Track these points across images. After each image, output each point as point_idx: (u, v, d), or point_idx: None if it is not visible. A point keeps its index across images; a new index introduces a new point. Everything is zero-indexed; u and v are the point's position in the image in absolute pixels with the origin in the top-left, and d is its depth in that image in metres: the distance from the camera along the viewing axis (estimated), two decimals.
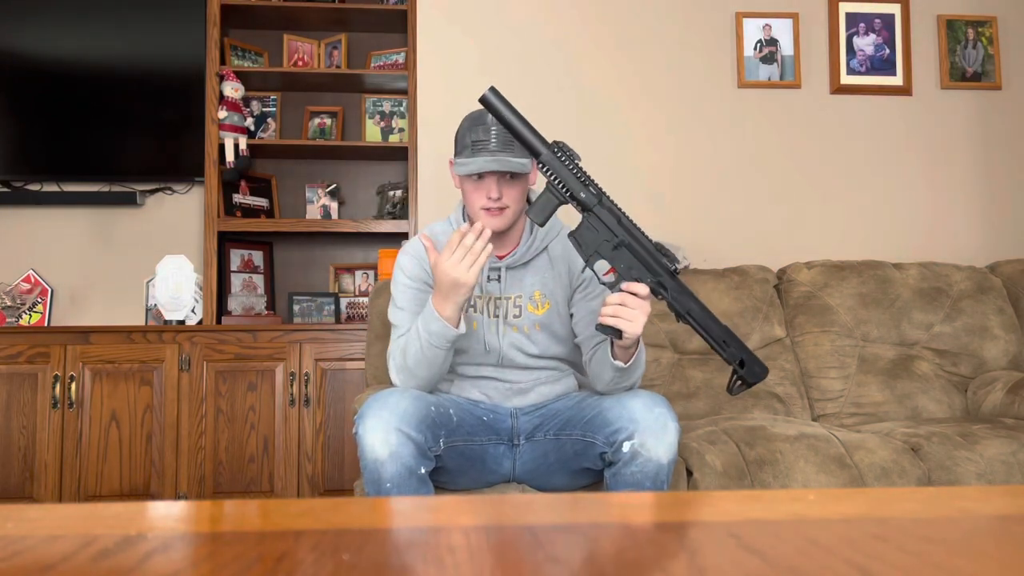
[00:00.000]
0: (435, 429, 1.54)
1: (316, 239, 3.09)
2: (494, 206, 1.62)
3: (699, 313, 1.51)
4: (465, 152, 1.61)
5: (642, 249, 1.50)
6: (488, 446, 1.71)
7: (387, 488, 1.47)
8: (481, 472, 1.72)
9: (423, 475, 1.50)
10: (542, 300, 1.71)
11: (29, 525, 0.49)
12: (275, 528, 0.48)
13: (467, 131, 1.62)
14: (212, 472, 2.60)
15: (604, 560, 0.41)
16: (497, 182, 1.61)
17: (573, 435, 1.62)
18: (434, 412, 1.56)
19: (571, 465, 1.65)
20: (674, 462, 1.53)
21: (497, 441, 1.72)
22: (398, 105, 3.10)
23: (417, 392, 1.59)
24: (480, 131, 1.58)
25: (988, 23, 3.18)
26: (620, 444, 1.50)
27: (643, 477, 1.50)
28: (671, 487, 1.60)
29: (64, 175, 3.03)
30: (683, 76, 3.08)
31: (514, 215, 1.65)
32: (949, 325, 2.59)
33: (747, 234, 3.04)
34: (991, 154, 3.16)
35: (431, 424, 1.53)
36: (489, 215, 1.62)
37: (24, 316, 2.90)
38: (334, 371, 2.67)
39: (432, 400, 1.60)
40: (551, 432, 1.68)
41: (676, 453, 1.52)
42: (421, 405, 1.53)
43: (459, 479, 1.71)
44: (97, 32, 3.02)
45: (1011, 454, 1.96)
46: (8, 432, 2.56)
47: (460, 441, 1.64)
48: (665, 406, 1.53)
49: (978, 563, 0.40)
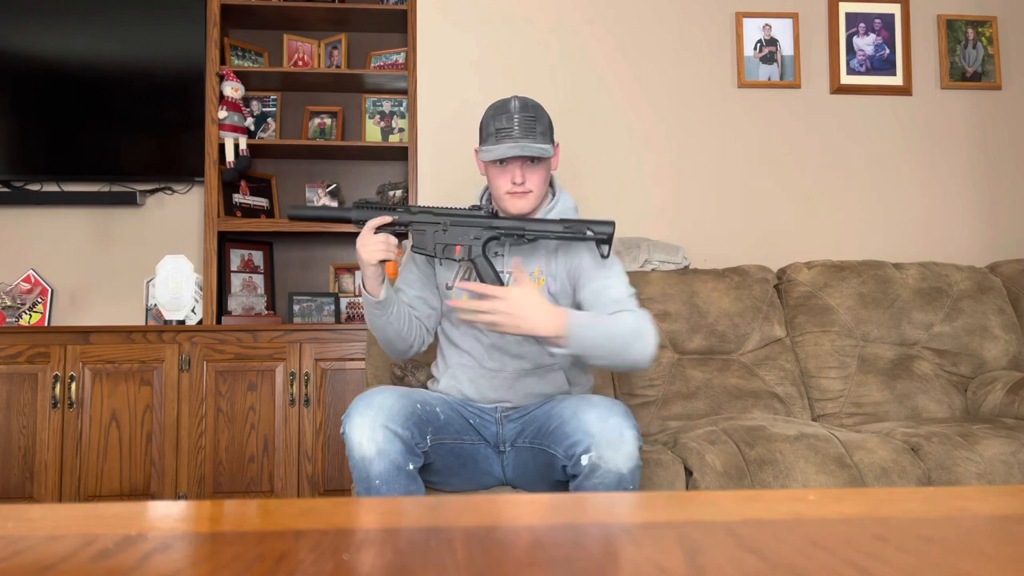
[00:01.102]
0: (421, 426, 1.56)
1: (316, 239, 3.09)
2: (518, 190, 1.71)
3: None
4: (489, 140, 1.70)
5: (461, 217, 1.70)
6: (478, 446, 1.72)
7: (376, 485, 1.49)
8: (473, 473, 1.73)
9: (411, 471, 1.52)
10: (539, 277, 1.75)
11: (29, 525, 0.49)
12: (275, 528, 0.48)
13: (491, 119, 1.71)
14: (212, 472, 2.60)
15: (604, 560, 0.41)
16: (520, 166, 1.69)
17: (542, 445, 1.62)
18: (420, 409, 1.58)
19: (545, 474, 1.65)
20: (637, 469, 1.49)
21: (485, 445, 1.74)
22: (398, 105, 3.10)
23: (403, 390, 1.62)
24: (503, 119, 1.68)
25: (988, 23, 3.18)
26: (578, 458, 1.48)
27: (605, 489, 1.47)
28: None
29: (64, 175, 3.03)
30: (683, 76, 3.08)
31: (537, 198, 1.74)
32: (949, 325, 2.59)
33: (747, 234, 3.04)
34: (991, 154, 3.16)
35: (417, 421, 1.55)
36: (513, 198, 1.72)
37: (24, 316, 2.90)
38: (334, 371, 2.67)
39: (418, 398, 1.62)
40: (527, 439, 1.69)
41: (637, 460, 1.48)
42: (407, 403, 1.55)
43: (451, 479, 1.71)
44: (97, 32, 3.02)
45: (1011, 454, 1.96)
46: (8, 432, 2.57)
47: (449, 439, 1.65)
48: (621, 415, 1.50)
49: (978, 563, 0.40)
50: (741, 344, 2.51)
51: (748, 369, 2.47)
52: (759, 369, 2.48)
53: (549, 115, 1.75)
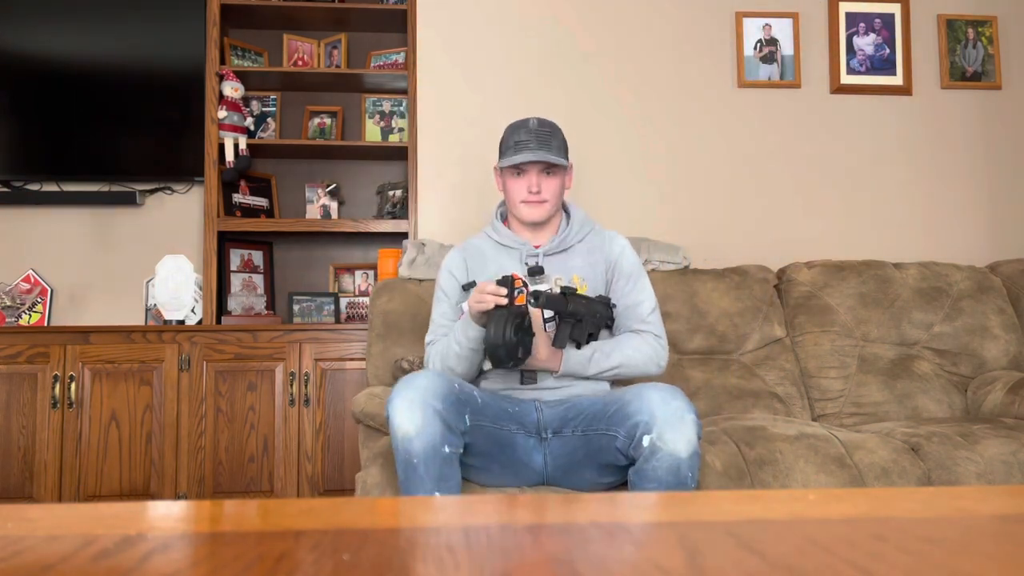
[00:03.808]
0: (459, 406, 1.59)
1: (316, 239, 3.09)
2: (534, 199, 1.85)
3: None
4: (508, 152, 1.85)
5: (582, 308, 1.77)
6: (517, 435, 1.73)
7: (414, 464, 1.52)
8: (512, 462, 1.73)
9: (449, 454, 1.54)
10: (580, 283, 1.86)
11: (29, 525, 0.49)
12: (275, 528, 0.48)
13: (510, 135, 1.87)
14: (212, 472, 2.60)
15: (604, 560, 0.41)
16: (537, 175, 1.84)
17: (599, 430, 1.66)
18: (458, 389, 1.62)
19: (598, 459, 1.68)
20: (696, 456, 1.53)
21: (526, 433, 1.74)
22: (398, 105, 3.10)
23: (440, 373, 1.66)
24: (522, 132, 1.84)
25: (988, 23, 3.18)
26: (639, 439, 1.53)
27: (664, 472, 1.51)
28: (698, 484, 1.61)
29: (64, 175, 3.03)
30: (683, 76, 3.08)
31: (551, 208, 1.88)
32: (949, 325, 2.59)
33: (747, 234, 3.04)
34: (991, 154, 3.16)
35: (455, 401, 1.58)
36: (529, 206, 1.86)
37: (24, 316, 2.90)
38: (334, 371, 2.67)
39: (456, 380, 1.67)
40: (579, 429, 1.71)
41: (697, 447, 1.53)
42: (444, 382, 1.60)
43: (491, 465, 1.72)
44: (97, 32, 3.02)
45: (1011, 454, 1.96)
46: (8, 432, 2.56)
47: (487, 422, 1.67)
48: (683, 399, 1.57)
49: (978, 563, 0.40)
50: (741, 344, 2.51)
51: (748, 369, 2.47)
52: (759, 369, 2.48)
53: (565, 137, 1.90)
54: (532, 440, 1.75)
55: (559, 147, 1.85)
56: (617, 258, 1.90)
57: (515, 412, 1.75)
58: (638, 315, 1.87)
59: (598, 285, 1.88)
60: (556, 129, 1.88)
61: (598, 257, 1.90)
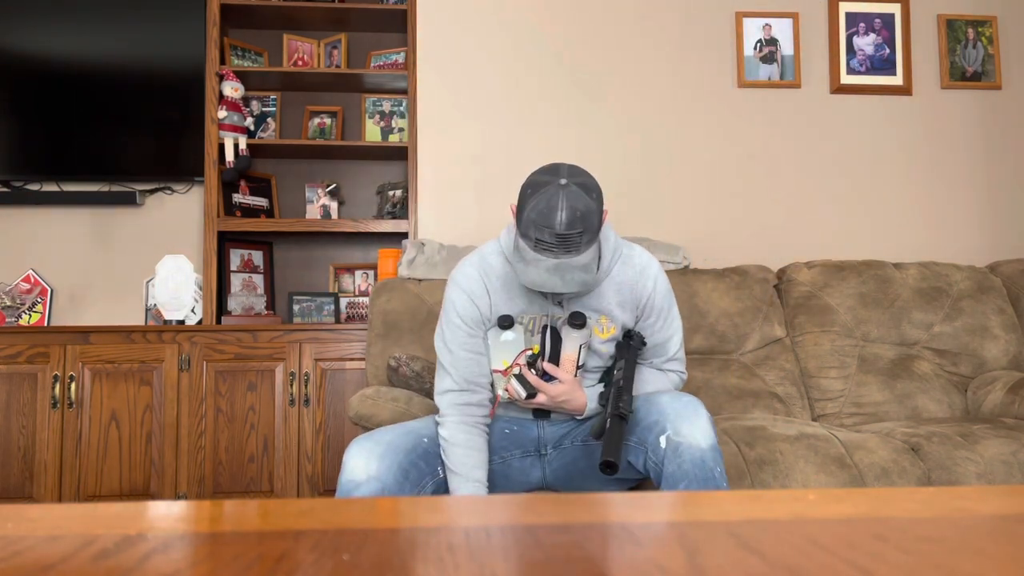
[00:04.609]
0: (421, 474, 1.57)
1: (316, 239, 3.09)
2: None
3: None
4: (527, 242, 1.49)
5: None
6: (512, 460, 1.70)
7: None
8: (505, 486, 1.71)
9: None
10: (608, 325, 1.68)
11: (29, 525, 0.49)
12: (275, 528, 0.48)
13: (531, 223, 1.47)
14: (212, 472, 2.60)
15: (604, 560, 0.41)
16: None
17: None
18: (427, 444, 1.61)
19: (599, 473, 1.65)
20: (717, 451, 1.49)
21: (523, 454, 1.72)
22: (398, 105, 3.10)
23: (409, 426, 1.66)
24: (546, 233, 1.46)
25: (988, 23, 3.18)
26: (656, 440, 1.49)
27: (690, 466, 1.45)
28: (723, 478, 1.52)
29: (64, 175, 3.03)
30: (683, 76, 3.08)
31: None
32: (949, 325, 2.59)
33: (747, 234, 3.04)
34: (991, 154, 3.16)
35: (417, 459, 1.57)
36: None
37: (24, 316, 2.90)
38: (334, 371, 2.67)
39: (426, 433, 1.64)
40: (578, 439, 1.68)
41: (715, 439, 1.49)
42: (411, 439, 1.59)
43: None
44: (97, 32, 3.02)
45: (1011, 454, 1.96)
46: (8, 432, 2.56)
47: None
48: (692, 396, 1.57)
49: (978, 563, 0.40)
50: (741, 344, 2.51)
51: (748, 369, 2.47)
52: (759, 369, 2.48)
53: (599, 200, 1.52)
54: (530, 458, 1.72)
55: (589, 240, 1.49)
56: (650, 295, 1.68)
57: (512, 432, 1.72)
58: (666, 351, 1.74)
59: (626, 321, 1.69)
60: (588, 214, 1.47)
61: (627, 296, 1.68)
